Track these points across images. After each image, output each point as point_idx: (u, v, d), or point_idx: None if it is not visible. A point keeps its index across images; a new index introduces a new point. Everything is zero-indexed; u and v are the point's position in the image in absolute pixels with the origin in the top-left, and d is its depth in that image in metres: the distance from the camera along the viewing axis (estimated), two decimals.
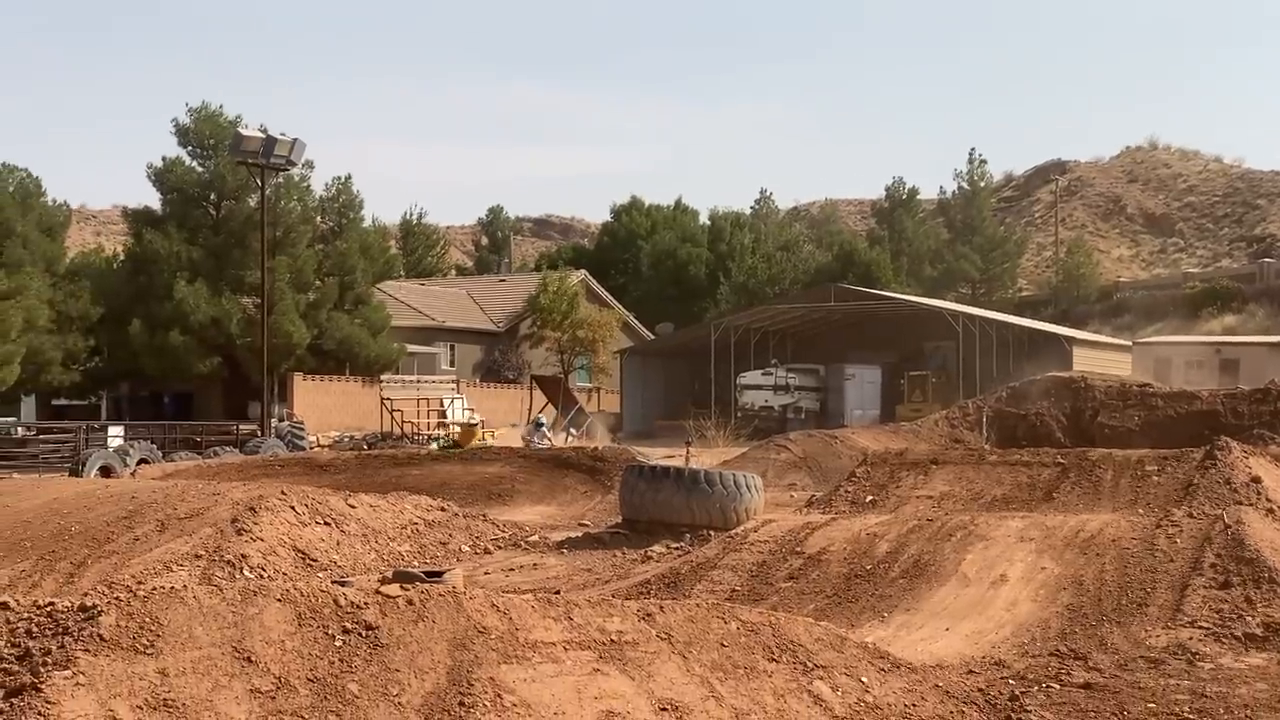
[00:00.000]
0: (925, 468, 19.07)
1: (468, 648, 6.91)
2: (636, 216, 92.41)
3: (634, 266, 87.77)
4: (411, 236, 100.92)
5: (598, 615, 7.59)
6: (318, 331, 57.70)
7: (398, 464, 30.49)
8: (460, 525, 20.69)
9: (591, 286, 75.53)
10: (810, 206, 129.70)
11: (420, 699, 6.49)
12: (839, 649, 8.13)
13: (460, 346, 72.20)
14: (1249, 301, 70.89)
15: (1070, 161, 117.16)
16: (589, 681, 6.97)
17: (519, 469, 29.14)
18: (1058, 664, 11.00)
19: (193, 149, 59.04)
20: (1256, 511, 14.21)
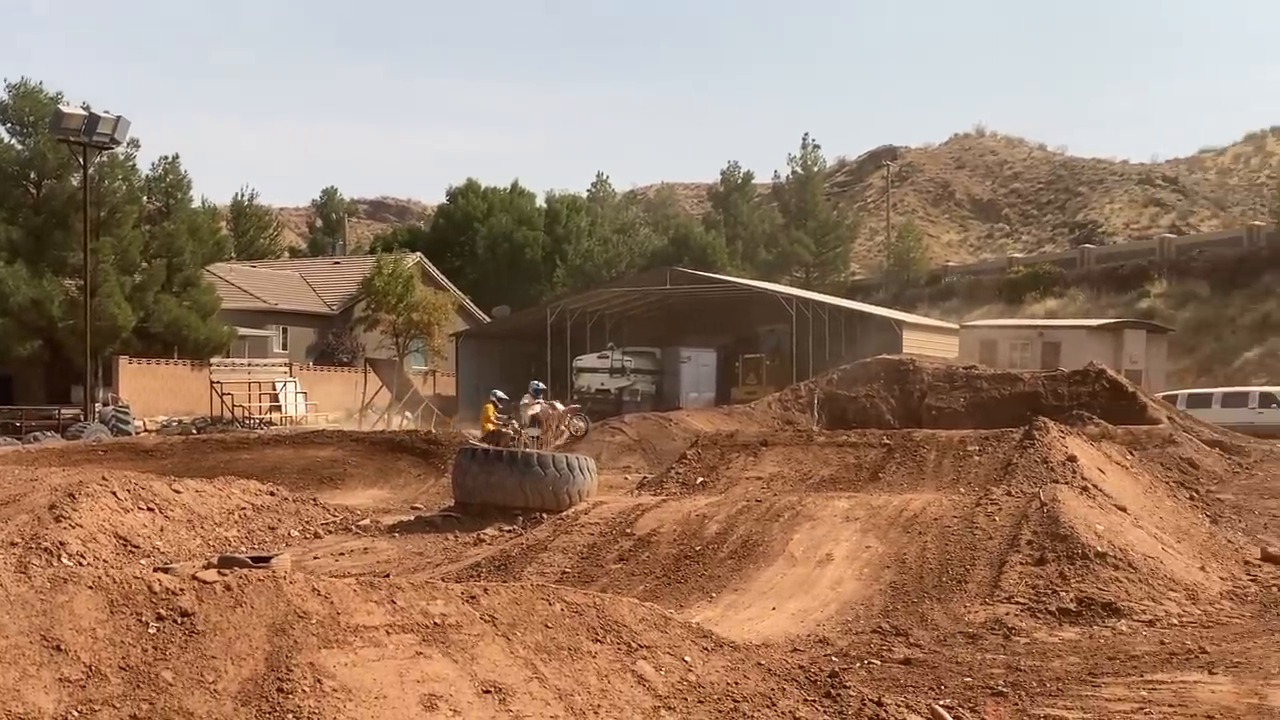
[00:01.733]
0: (755, 449, 19.26)
1: (287, 633, 6.84)
2: (473, 199, 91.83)
3: (470, 249, 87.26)
4: (243, 218, 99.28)
5: (421, 598, 7.56)
6: (144, 314, 56.42)
7: (227, 448, 30.02)
8: (290, 510, 20.48)
9: (427, 269, 74.97)
10: (647, 190, 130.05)
11: (237, 686, 6.41)
12: (663, 629, 8.18)
13: (293, 329, 71.26)
14: (1070, 286, 72.47)
15: (901, 148, 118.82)
16: (411, 665, 6.94)
17: (351, 452, 28.89)
18: (880, 641, 11.20)
19: (11, 126, 57.41)
20: (1071, 490, 14.58)
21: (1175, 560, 13.66)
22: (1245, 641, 10.99)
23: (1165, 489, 17.80)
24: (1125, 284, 70.14)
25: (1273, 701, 8.86)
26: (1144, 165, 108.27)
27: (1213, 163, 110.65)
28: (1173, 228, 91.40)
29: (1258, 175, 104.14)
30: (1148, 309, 66.16)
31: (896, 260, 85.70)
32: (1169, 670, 9.91)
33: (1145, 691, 9.23)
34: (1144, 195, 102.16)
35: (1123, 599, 12.22)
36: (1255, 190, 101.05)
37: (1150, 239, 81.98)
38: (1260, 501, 21.24)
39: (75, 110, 48.29)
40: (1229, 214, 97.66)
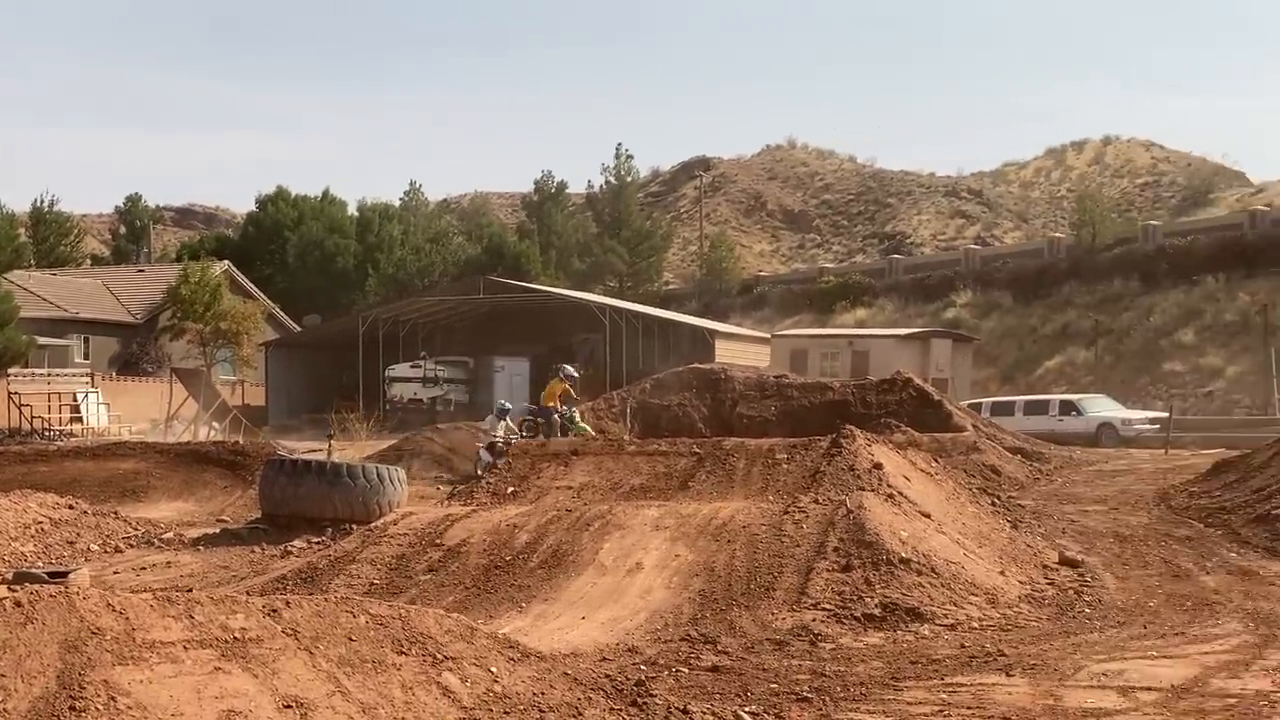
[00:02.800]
0: (566, 459, 19.26)
1: (80, 650, 6.64)
2: (283, 207, 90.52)
3: (280, 258, 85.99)
4: (42, 224, 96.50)
5: (220, 613, 7.40)
6: None
7: (24, 461, 29.16)
8: (90, 524, 19.99)
9: (235, 277, 73.65)
10: (461, 199, 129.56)
11: (28, 704, 6.21)
12: (469, 640, 8.12)
13: (95, 339, 69.51)
14: (879, 296, 73.73)
15: (714, 158, 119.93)
16: (210, 681, 6.79)
17: (155, 464, 28.26)
18: (688, 648, 11.26)
19: None
20: (877, 497, 14.80)
21: (976, 565, 13.94)
22: (1042, 644, 11.26)
23: (968, 495, 18.18)
24: (932, 294, 71.56)
25: (1067, 702, 9.08)
26: (950, 178, 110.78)
27: (1015, 176, 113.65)
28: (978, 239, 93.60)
29: (1058, 189, 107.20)
30: (954, 319, 67.56)
31: (709, 270, 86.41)
32: (969, 673, 10.11)
33: (945, 694, 9.40)
34: (950, 207, 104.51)
35: (925, 604, 12.44)
36: (1056, 203, 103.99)
37: (956, 250, 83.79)
38: (1059, 507, 21.79)
39: None
40: (1031, 226, 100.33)
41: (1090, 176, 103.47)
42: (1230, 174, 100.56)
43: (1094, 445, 39.45)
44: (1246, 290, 56.89)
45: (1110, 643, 11.28)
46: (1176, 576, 14.95)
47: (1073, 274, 66.27)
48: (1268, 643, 11.06)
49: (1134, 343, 58.60)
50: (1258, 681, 9.50)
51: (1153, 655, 10.60)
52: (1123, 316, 60.56)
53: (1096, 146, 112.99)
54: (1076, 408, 44.23)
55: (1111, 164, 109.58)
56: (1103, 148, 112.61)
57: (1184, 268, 60.60)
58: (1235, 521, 18.36)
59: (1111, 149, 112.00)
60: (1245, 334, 53.98)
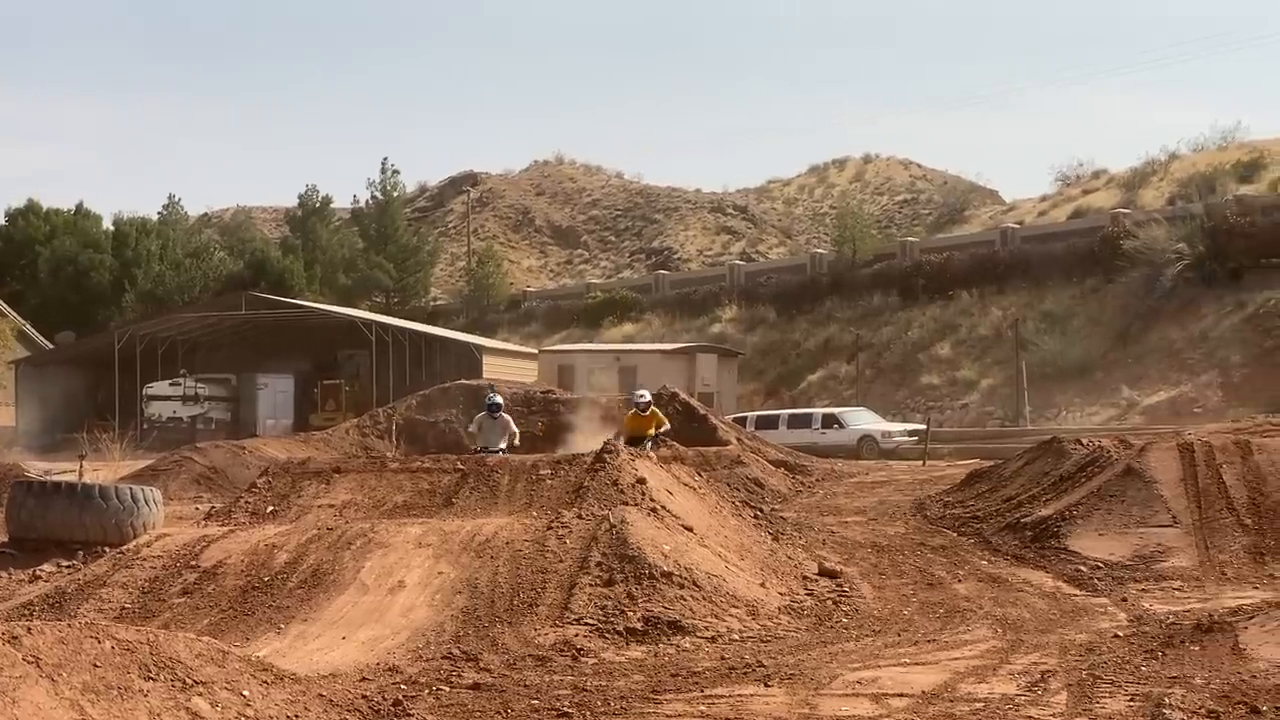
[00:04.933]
0: (328, 476, 18.97)
1: None
2: (34, 221, 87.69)
3: (32, 273, 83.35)
4: None
5: None
6: None
7: None
8: None
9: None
10: (223, 213, 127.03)
11: None
12: (220, 664, 7.94)
13: None
14: (646, 311, 74.37)
15: (482, 173, 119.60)
16: None
17: None
18: (450, 666, 11.16)
19: None
20: (640, 511, 14.89)
21: (738, 577, 14.11)
22: (800, 654, 11.43)
23: (731, 508, 18.38)
24: (698, 309, 72.40)
25: (822, 710, 9.22)
26: (716, 194, 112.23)
27: (780, 192, 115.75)
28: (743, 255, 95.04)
29: (820, 205, 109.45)
30: (719, 333, 68.44)
31: (477, 285, 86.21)
32: (728, 684, 10.20)
33: (704, 706, 9.47)
34: (716, 223, 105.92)
35: (687, 617, 12.54)
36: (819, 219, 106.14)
37: (722, 266, 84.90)
38: (820, 518, 22.20)
39: None
40: (795, 242, 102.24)
41: (851, 194, 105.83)
42: (984, 192, 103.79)
43: (856, 457, 40.35)
44: (999, 305, 58.72)
45: (865, 651, 11.51)
46: (930, 585, 15.33)
47: (834, 289, 67.64)
48: (1014, 648, 11.40)
49: (893, 356, 60.05)
50: (1004, 685, 9.78)
51: (905, 662, 10.83)
52: (882, 330, 62.00)
53: (857, 164, 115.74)
54: (838, 421, 45.20)
55: (871, 181, 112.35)
56: (863, 165, 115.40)
57: (940, 283, 62.28)
58: (987, 530, 18.93)
59: (871, 167, 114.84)
60: (998, 347, 55.71)
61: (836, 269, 69.85)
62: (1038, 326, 53.88)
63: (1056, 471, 20.27)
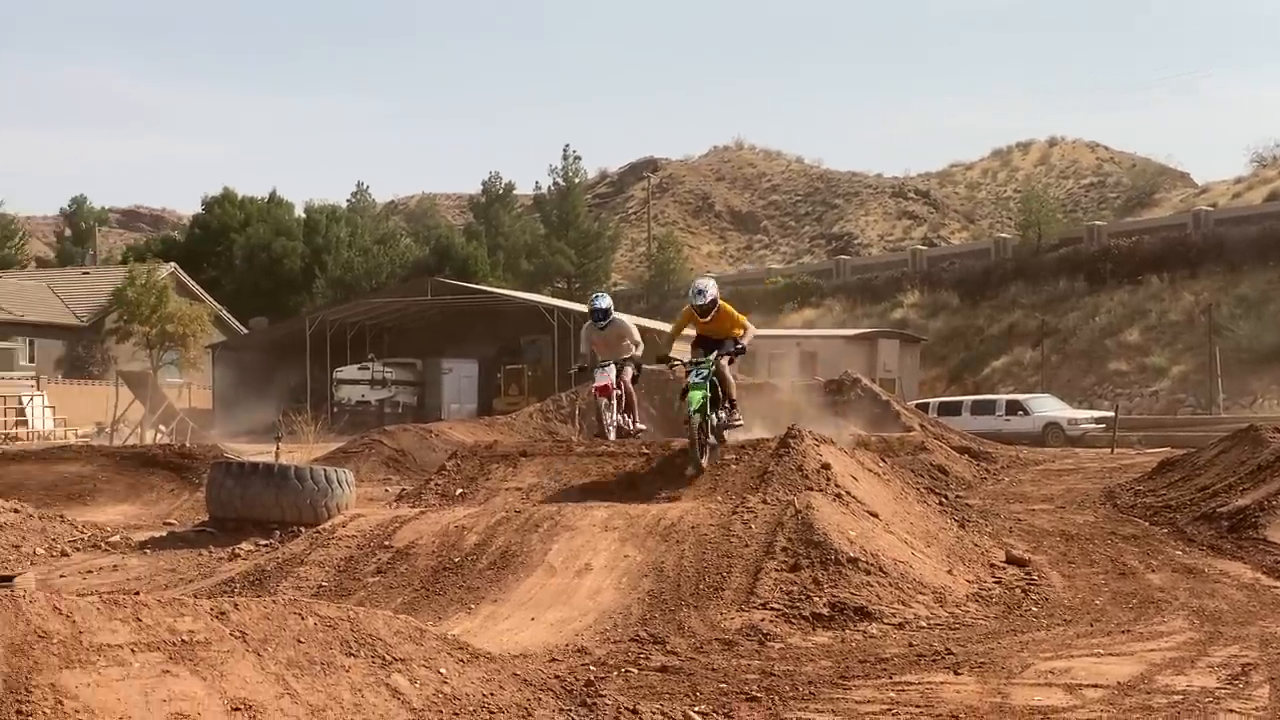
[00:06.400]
0: (515, 460, 19.18)
1: (26, 654, 6.59)
2: (229, 209, 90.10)
3: (227, 260, 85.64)
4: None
5: (168, 615, 7.36)
6: None
7: None
8: (35, 527, 19.82)
9: (182, 280, 73.36)
10: (408, 200, 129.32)
11: None
12: (418, 641, 8.11)
13: (40, 341, 69.10)
14: (827, 296, 74.04)
15: (662, 159, 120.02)
16: (158, 683, 6.76)
17: (101, 468, 28.02)
18: (637, 649, 11.26)
19: None
20: (825, 497, 14.84)
21: (924, 564, 14.01)
22: (989, 642, 11.32)
23: (916, 495, 18.25)
24: (879, 294, 71.92)
25: (1015, 700, 9.14)
26: (897, 179, 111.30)
27: (962, 177, 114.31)
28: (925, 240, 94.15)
29: (1004, 189, 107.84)
30: (901, 319, 67.94)
31: (657, 271, 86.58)
32: (916, 671, 10.16)
33: (893, 693, 9.44)
34: (897, 208, 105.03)
35: (874, 603, 12.48)
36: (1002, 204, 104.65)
37: (903, 251, 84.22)
38: (1006, 506, 21.93)
39: None
40: (977, 226, 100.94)
41: (1036, 177, 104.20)
42: (1174, 175, 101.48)
43: (1040, 445, 39.76)
44: (1191, 290, 57.45)
45: (1057, 640, 11.36)
46: (1122, 574, 15.06)
47: (1019, 274, 66.73)
48: (1212, 640, 11.17)
49: (1080, 342, 59.04)
50: (1203, 678, 9.59)
51: (1099, 653, 10.68)
52: (1069, 316, 60.99)
53: (1042, 147, 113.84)
54: (1023, 407, 44.58)
55: (1057, 165, 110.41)
56: (1048, 149, 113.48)
57: (1129, 268, 61.13)
58: (1180, 520, 18.52)
59: (1057, 150, 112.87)
60: (1189, 333, 54.51)
61: (1021, 254, 68.88)
62: (1232, 311, 52.59)
63: (1254, 460, 19.74)
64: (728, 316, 18.53)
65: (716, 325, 18.55)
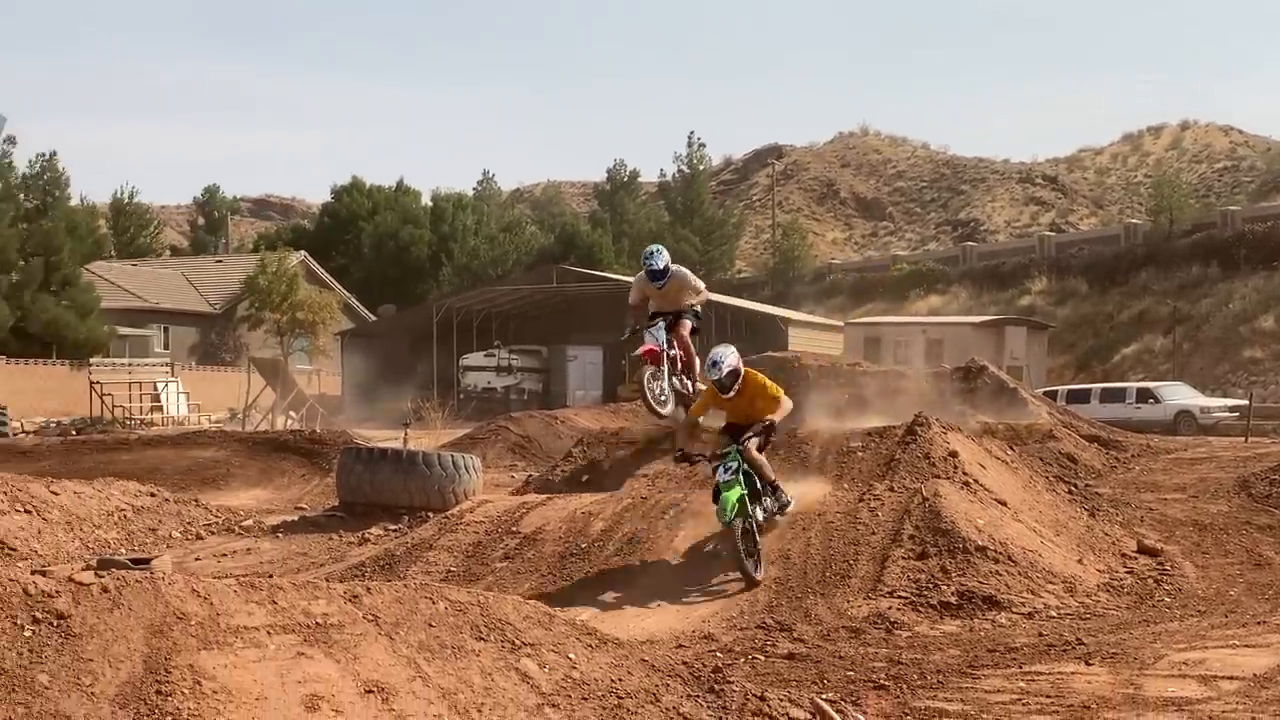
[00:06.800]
0: (641, 446, 19.28)
1: (166, 635, 6.73)
2: (358, 197, 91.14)
3: (355, 248, 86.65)
4: (123, 216, 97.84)
5: (302, 598, 7.48)
6: (21, 314, 55.41)
7: (106, 449, 29.54)
8: (171, 511, 20.24)
9: (311, 267, 74.35)
10: (533, 188, 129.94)
11: (115, 689, 6.31)
12: (547, 626, 8.17)
13: (175, 329, 70.43)
14: (953, 283, 73.31)
15: (787, 146, 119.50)
16: (293, 665, 6.88)
17: (234, 453, 28.55)
18: (764, 636, 11.27)
19: None
20: (953, 484, 14.73)
21: (1054, 553, 13.86)
22: (1121, 632, 11.17)
23: (1044, 483, 18.03)
24: (1006, 281, 71.07)
25: (1148, 691, 9.02)
26: (1024, 164, 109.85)
27: (1091, 162, 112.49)
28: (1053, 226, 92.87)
29: (1134, 174, 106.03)
30: (1028, 306, 67.10)
31: (781, 258, 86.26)
32: (1047, 661, 10.06)
33: (1023, 682, 9.36)
34: (1025, 194, 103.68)
35: (1002, 592, 12.38)
36: (1132, 189, 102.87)
37: (1031, 237, 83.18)
38: (1137, 495, 21.58)
39: None
40: (1107, 212, 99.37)
41: (1167, 162, 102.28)
42: None
43: (1172, 433, 39.06)
44: None
45: (1191, 631, 11.19)
46: (1258, 565, 14.79)
47: (1150, 260, 65.63)
48: None
49: (1213, 329, 57.94)
50: None
51: (1234, 644, 10.49)
52: (1201, 303, 59.89)
53: (1174, 131, 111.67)
54: (1154, 395, 43.85)
55: (1189, 149, 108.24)
56: (1180, 133, 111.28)
57: (1264, 253, 59.87)
58: None
59: (1189, 134, 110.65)
60: None
61: (1152, 239, 67.76)
62: None
63: None
64: (757, 392, 14.34)
65: (745, 404, 14.33)
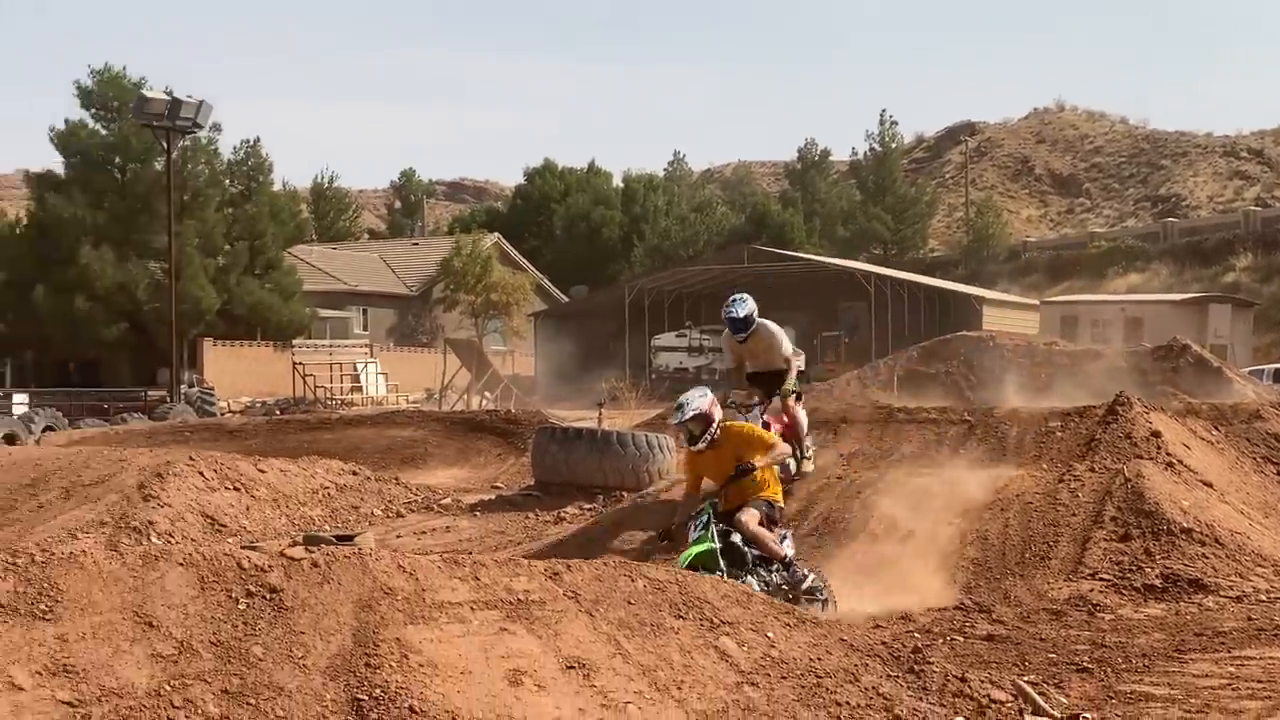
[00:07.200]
0: (835, 426, 19.19)
1: (374, 609, 6.89)
2: (550, 179, 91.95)
3: (548, 229, 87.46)
4: (323, 200, 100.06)
5: (505, 575, 7.60)
6: (227, 297, 56.95)
7: (309, 429, 30.21)
8: (372, 489, 20.63)
9: (505, 249, 75.17)
10: (724, 169, 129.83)
11: (326, 661, 6.47)
12: (745, 605, 8.19)
13: (373, 310, 71.79)
14: (1153, 260, 71.73)
15: (980, 122, 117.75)
16: (496, 641, 6.99)
17: (432, 432, 28.97)
18: (962, 617, 11.17)
19: (96, 111, 57.86)
20: (1156, 465, 14.43)
21: (1262, 536, 13.51)
22: None
23: (1252, 464, 17.58)
24: (1209, 258, 69.30)
25: None
26: (1228, 137, 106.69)
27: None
28: (1258, 200, 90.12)
29: None
30: (1233, 283, 65.37)
31: (975, 236, 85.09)
32: (1257, 646, 9.82)
33: (1233, 667, 9.15)
34: (1228, 168, 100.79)
35: (1209, 575, 12.11)
36: None
37: (1235, 212, 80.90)
38: None
39: (158, 95, 48.90)
40: None
41: None
42: None
43: None
44: None
45: None
46: None
47: None
48: None
49: None
50: None
51: None
52: None
53: None
54: None
55: None
56: None
57: None
58: None
59: None
60: None
61: None
62: None
63: None
64: (741, 443, 11.57)
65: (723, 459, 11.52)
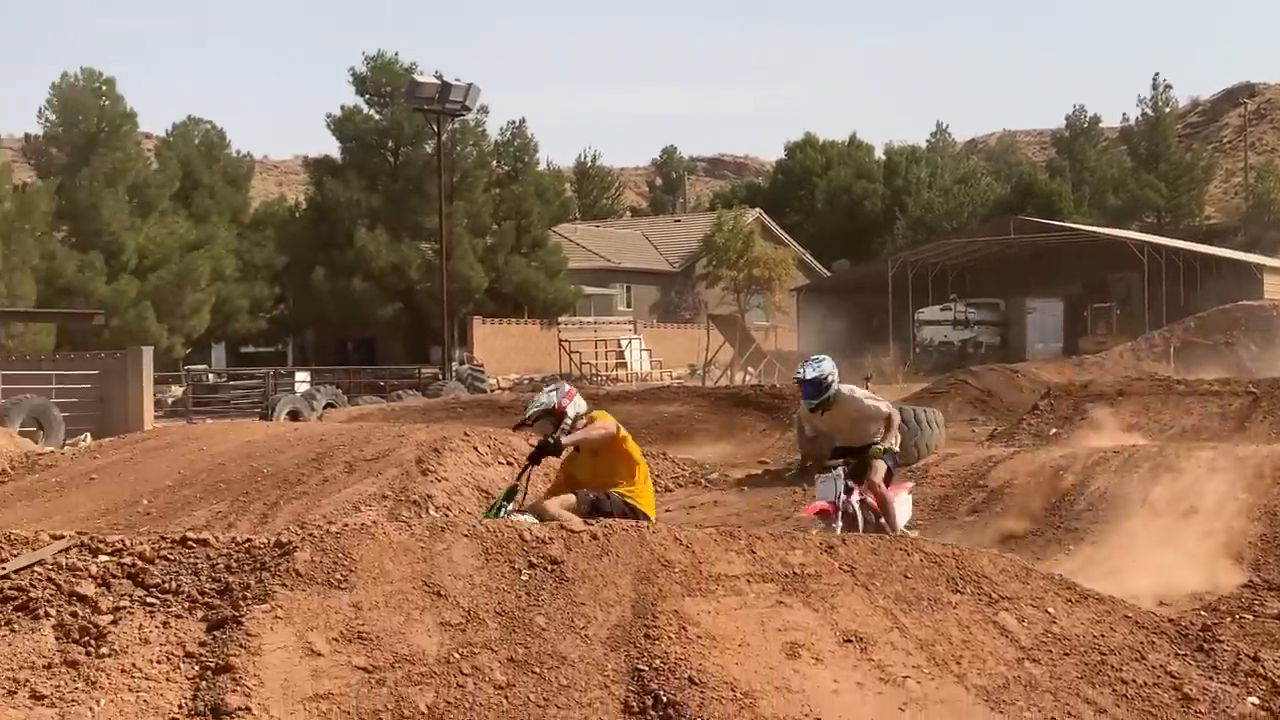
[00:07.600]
0: (1111, 399, 18.77)
1: (651, 581, 6.94)
2: (810, 153, 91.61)
3: (809, 204, 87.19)
4: (586, 179, 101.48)
5: (780, 548, 7.58)
6: (495, 275, 58.22)
7: None
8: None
9: (766, 224, 75.12)
10: (988, 139, 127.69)
11: (606, 631, 6.54)
12: (1024, 580, 8.03)
13: (636, 287, 72.46)
14: None
15: (1259, 84, 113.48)
16: (772, 613, 6.98)
17: (697, 408, 29.14)
18: (1250, 595, 10.80)
19: (370, 97, 59.71)
20: None
21: None
22: None
23: None
24: None
25: None
26: None
27: None
28: None
29: None
30: None
31: (1255, 202, 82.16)
32: None
33: None
34: None
35: None
36: None
37: None
38: None
39: (429, 80, 50.05)
40: None
41: None
42: None
43: None
44: None
45: None
46: None
47: None
48: None
49: None
50: None
51: None
52: None
53: None
54: None
55: None
56: None
57: None
58: None
59: None
60: None
61: None
62: None
63: None
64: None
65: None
